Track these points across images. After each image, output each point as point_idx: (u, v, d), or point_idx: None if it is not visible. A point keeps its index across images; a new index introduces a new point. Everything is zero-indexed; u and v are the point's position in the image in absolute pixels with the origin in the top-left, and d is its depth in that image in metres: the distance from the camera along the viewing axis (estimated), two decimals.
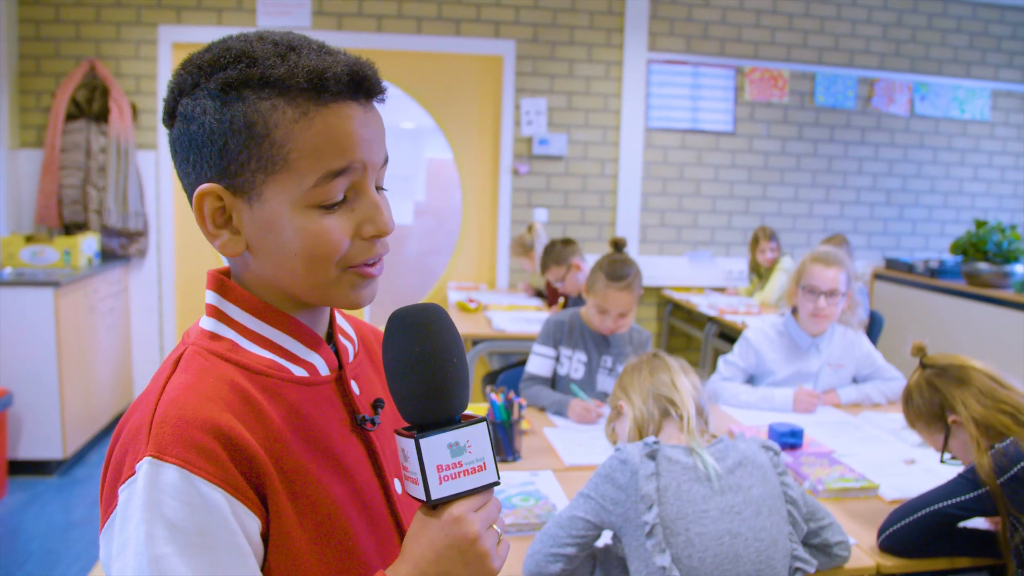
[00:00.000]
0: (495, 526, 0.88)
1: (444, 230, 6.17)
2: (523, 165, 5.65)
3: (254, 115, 0.83)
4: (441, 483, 0.84)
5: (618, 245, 2.94)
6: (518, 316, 4.50)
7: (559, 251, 4.44)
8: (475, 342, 4.17)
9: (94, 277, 4.70)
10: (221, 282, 0.92)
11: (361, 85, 0.87)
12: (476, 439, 0.86)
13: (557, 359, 2.96)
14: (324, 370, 0.95)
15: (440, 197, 6.34)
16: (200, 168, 0.86)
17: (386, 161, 0.93)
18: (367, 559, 0.91)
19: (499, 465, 0.91)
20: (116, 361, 5.08)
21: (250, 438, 0.81)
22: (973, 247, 5.42)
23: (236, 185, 0.85)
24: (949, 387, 2.00)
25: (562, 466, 2.37)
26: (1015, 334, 4.72)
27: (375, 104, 0.90)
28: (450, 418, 0.86)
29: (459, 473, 0.85)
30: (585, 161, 5.76)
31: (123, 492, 0.79)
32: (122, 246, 5.17)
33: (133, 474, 0.78)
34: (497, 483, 0.87)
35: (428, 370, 0.86)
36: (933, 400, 2.03)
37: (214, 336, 0.89)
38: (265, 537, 0.83)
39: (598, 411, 2.74)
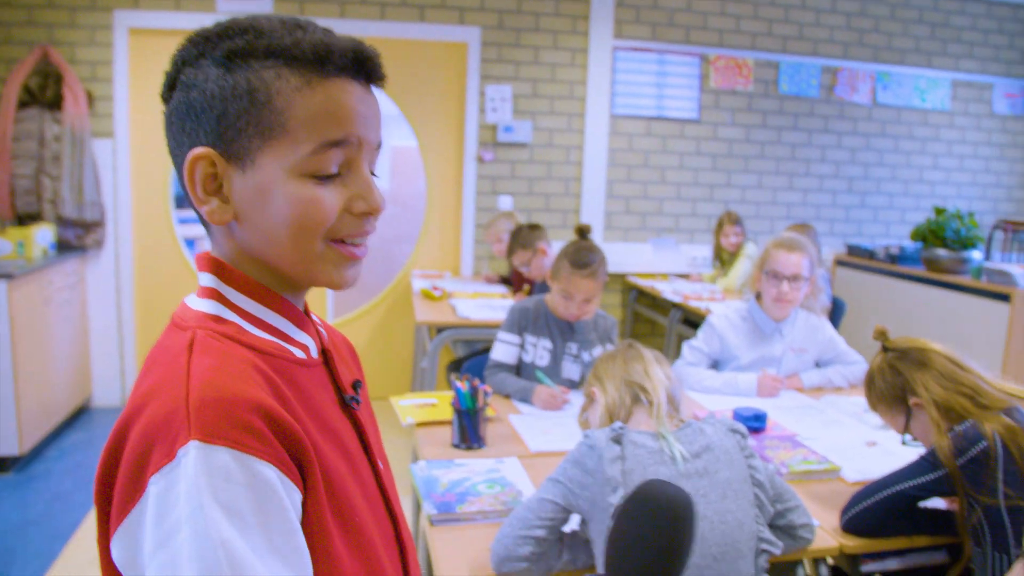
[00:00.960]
0: None
1: (408, 218, 6.12)
2: (488, 152, 5.62)
3: (257, 82, 0.84)
4: None
5: (583, 232, 2.93)
6: (483, 303, 4.48)
7: (525, 235, 4.43)
8: (440, 330, 4.15)
9: (49, 269, 4.60)
10: (219, 264, 0.90)
11: (364, 65, 0.88)
12: None
13: (522, 346, 2.94)
14: (315, 351, 0.96)
15: (404, 185, 6.29)
16: (195, 135, 0.86)
17: (380, 146, 0.94)
18: (370, 533, 0.92)
19: (464, 452, 0.92)
20: (73, 354, 4.98)
21: (287, 415, 0.81)
22: (932, 234, 5.48)
23: (231, 151, 0.85)
24: (910, 370, 2.02)
25: (528, 453, 2.35)
26: (973, 318, 4.79)
27: (374, 89, 0.92)
28: None
29: None
30: (550, 148, 5.74)
31: (158, 481, 0.75)
32: (78, 237, 5.06)
33: (170, 461, 0.75)
34: None
35: (669, 554, 0.85)
36: (895, 383, 2.05)
37: (218, 319, 0.88)
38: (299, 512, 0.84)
39: (564, 397, 2.73)
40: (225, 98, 0.84)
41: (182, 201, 5.39)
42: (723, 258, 5.61)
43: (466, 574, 1.72)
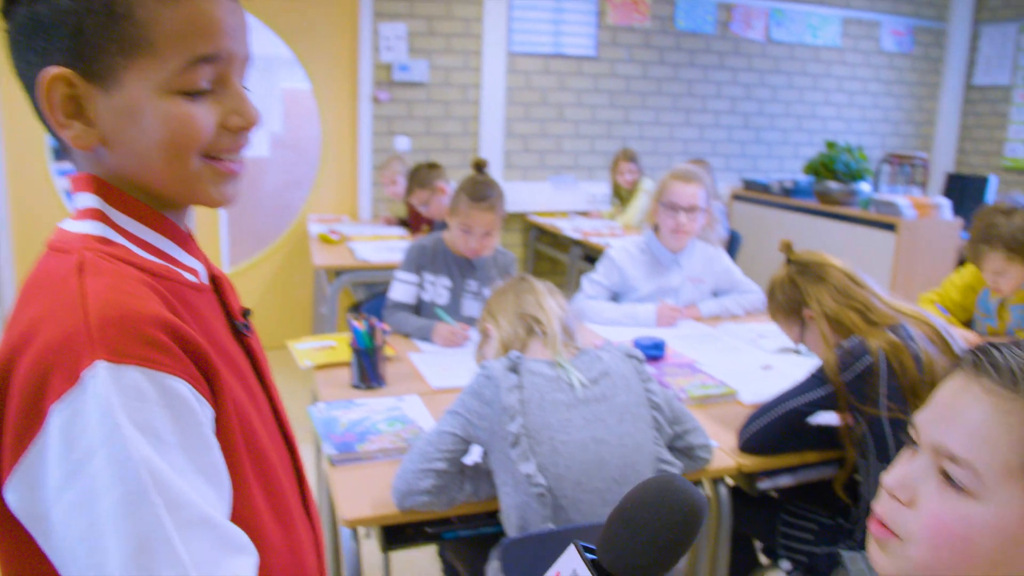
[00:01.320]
0: None
1: (303, 162, 5.94)
2: (383, 93, 5.48)
3: None
4: None
5: (480, 166, 2.88)
6: (382, 246, 4.40)
7: (424, 174, 4.36)
8: (338, 274, 4.07)
9: None
10: (101, 183, 0.84)
11: None
12: None
13: (421, 285, 2.89)
14: (204, 276, 0.92)
15: (298, 129, 6.09)
16: (48, 55, 0.78)
17: (249, 59, 0.88)
18: (272, 460, 0.90)
19: (364, 392, 0.90)
20: None
21: (191, 330, 0.78)
22: (824, 167, 5.63)
23: (91, 71, 0.78)
24: (807, 283, 2.07)
25: (429, 390, 2.33)
26: (862, 247, 4.96)
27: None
28: None
29: None
30: (447, 87, 5.63)
31: (60, 409, 0.69)
32: None
33: (73, 385, 0.69)
34: None
35: (672, 555, 0.85)
36: (792, 295, 2.10)
37: (105, 240, 0.82)
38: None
39: (464, 334, 2.70)
40: (79, 12, 0.76)
41: (61, 154, 5.09)
42: (621, 195, 5.64)
43: (369, 512, 1.70)
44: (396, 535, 1.83)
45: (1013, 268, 2.73)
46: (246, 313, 0.99)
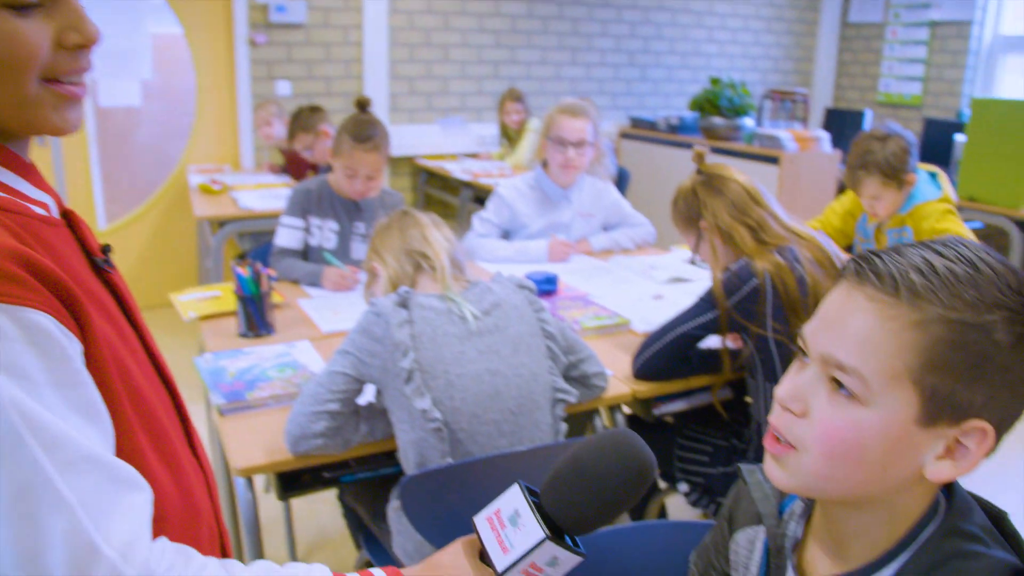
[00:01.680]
0: None
1: (179, 112, 5.66)
2: (260, 35, 5.26)
3: None
4: (521, 572, 0.87)
5: (362, 105, 2.79)
6: (266, 194, 4.26)
7: (306, 118, 4.23)
8: (222, 224, 3.92)
9: None
10: None
11: None
12: (569, 565, 0.88)
13: (307, 230, 2.81)
14: (55, 210, 0.86)
15: (171, 77, 5.79)
16: None
17: None
18: (150, 399, 0.85)
19: (252, 340, 0.86)
20: None
21: (48, 261, 0.73)
22: (709, 103, 5.73)
23: None
24: (707, 195, 2.08)
25: (320, 335, 2.27)
26: None
27: None
28: (573, 538, 0.89)
29: None
30: (327, 28, 5.44)
31: None
32: None
33: None
34: None
35: (616, 510, 0.88)
36: (692, 204, 2.12)
37: None
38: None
39: (354, 277, 2.64)
40: None
41: None
42: (510, 135, 5.61)
43: (262, 460, 1.65)
44: (293, 482, 1.79)
45: (888, 193, 2.82)
46: (106, 249, 0.92)
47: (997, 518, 0.87)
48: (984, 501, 0.88)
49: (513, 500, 0.89)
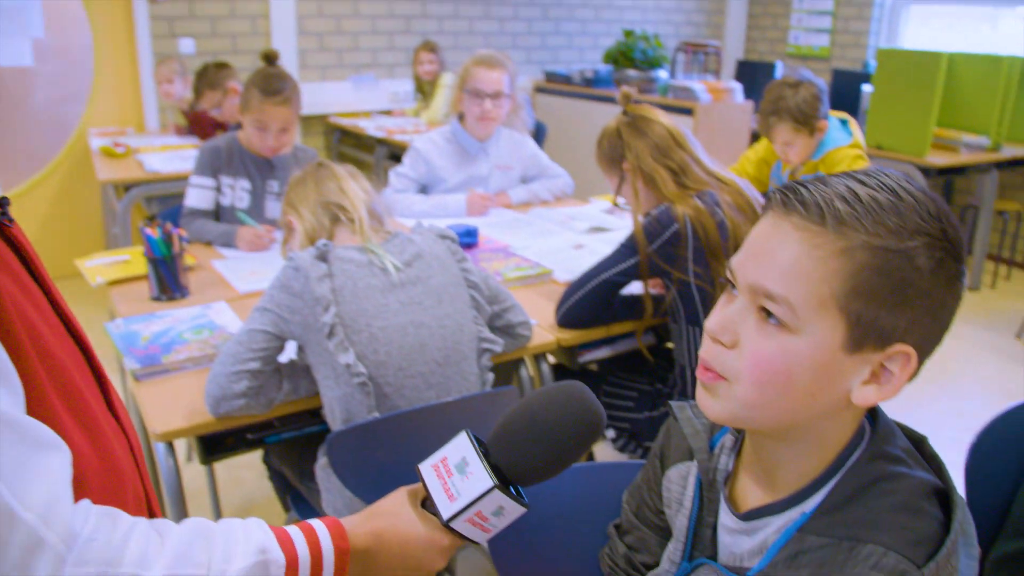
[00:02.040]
0: None
1: (76, 73, 5.40)
2: None
3: None
4: (465, 521, 0.87)
5: (270, 58, 2.69)
6: (173, 156, 4.11)
7: (213, 75, 4.08)
8: (127, 188, 3.77)
9: None
10: None
11: None
12: (513, 516, 0.88)
13: (218, 189, 2.72)
14: None
15: (65, 36, 5.52)
16: None
17: None
18: (61, 359, 0.79)
19: (166, 304, 0.81)
20: None
21: None
22: (623, 56, 5.74)
23: None
24: (631, 136, 2.08)
25: (236, 295, 2.21)
26: None
27: None
28: (519, 489, 0.89)
29: (481, 525, 0.88)
30: None
31: None
32: None
33: None
34: (479, 545, 0.95)
35: (564, 462, 0.88)
36: (615, 145, 2.11)
37: None
38: None
39: (270, 236, 2.57)
40: None
41: None
42: (424, 91, 5.52)
43: (182, 424, 1.60)
44: (216, 446, 1.74)
45: (799, 139, 2.87)
46: (3, 202, 0.85)
47: (917, 442, 0.89)
48: (905, 427, 0.90)
49: (460, 448, 0.88)
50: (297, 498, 1.96)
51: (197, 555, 0.77)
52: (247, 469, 2.91)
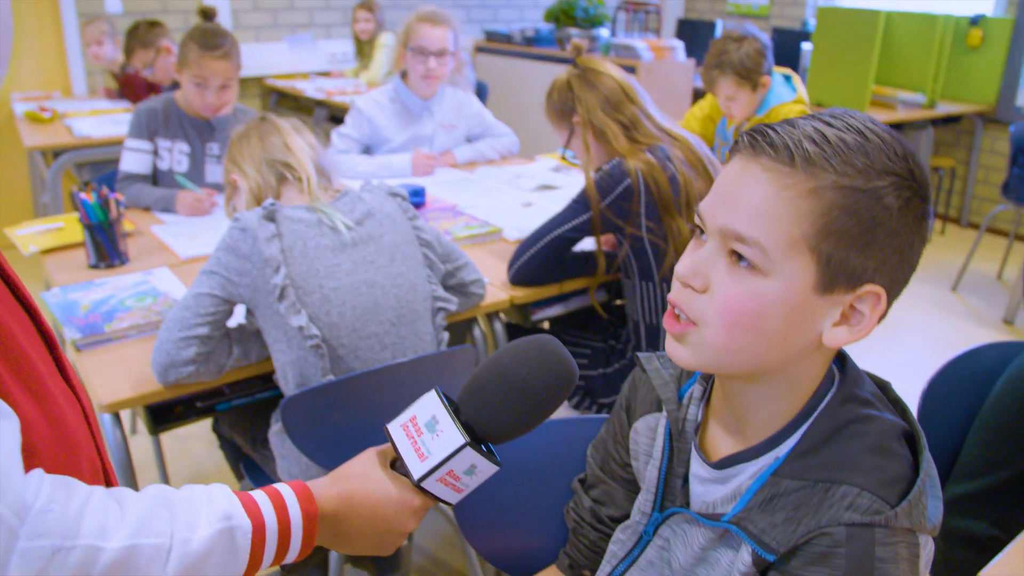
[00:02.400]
0: None
1: None
2: None
3: None
4: (437, 481, 0.84)
5: (207, 14, 2.60)
6: (104, 120, 3.96)
7: (144, 33, 3.93)
8: (56, 155, 3.63)
9: None
10: None
11: None
12: (485, 475, 0.86)
13: (155, 152, 2.63)
14: None
15: None
16: None
17: None
18: (7, 326, 0.74)
19: (104, 271, 0.76)
20: None
21: None
22: (564, 14, 5.69)
23: None
24: (581, 89, 2.05)
25: (179, 260, 2.15)
26: None
27: None
28: (491, 447, 0.87)
29: (452, 485, 0.86)
30: None
31: None
32: None
33: None
34: (451, 505, 0.91)
35: (538, 417, 0.86)
36: (565, 98, 2.08)
37: None
38: None
39: (211, 200, 2.50)
40: None
41: None
42: (363, 51, 5.41)
43: (129, 394, 1.55)
44: (164, 415, 1.69)
45: (743, 93, 2.88)
46: None
47: (882, 387, 0.90)
48: (869, 373, 0.91)
49: (429, 406, 0.85)
50: (250, 466, 1.92)
51: (159, 524, 0.74)
52: (195, 439, 2.86)
